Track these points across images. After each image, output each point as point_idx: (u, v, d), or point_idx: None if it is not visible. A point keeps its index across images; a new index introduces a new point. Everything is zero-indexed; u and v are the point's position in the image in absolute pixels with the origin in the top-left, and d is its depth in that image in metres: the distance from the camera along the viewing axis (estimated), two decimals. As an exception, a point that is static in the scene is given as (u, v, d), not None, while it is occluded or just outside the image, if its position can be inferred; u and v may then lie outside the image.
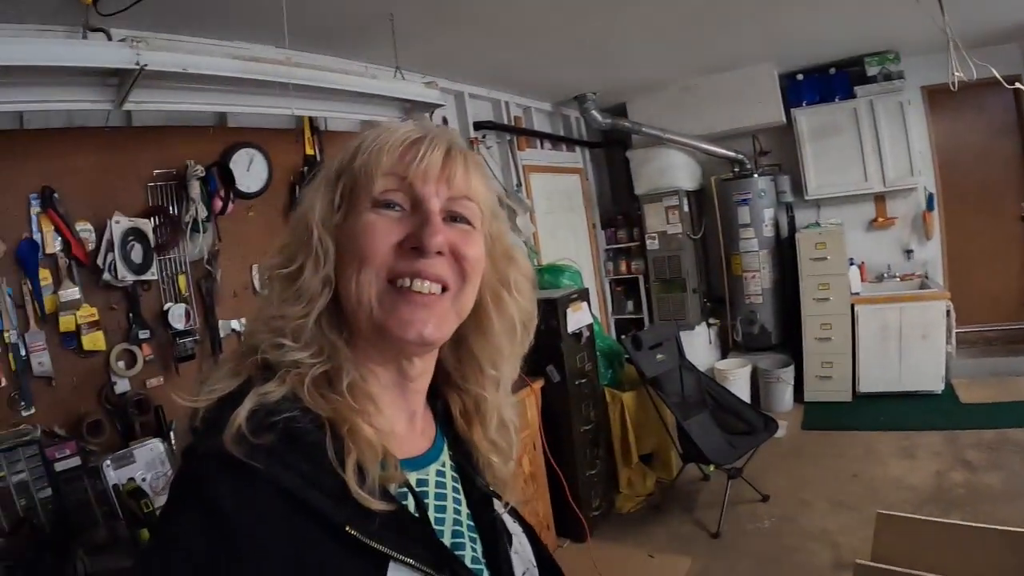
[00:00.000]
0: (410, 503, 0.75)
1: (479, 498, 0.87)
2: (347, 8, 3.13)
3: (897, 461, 4.33)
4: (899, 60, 5.36)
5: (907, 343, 5.25)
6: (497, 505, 0.90)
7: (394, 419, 0.81)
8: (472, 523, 0.84)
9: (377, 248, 0.75)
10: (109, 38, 2.40)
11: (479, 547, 0.82)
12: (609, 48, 4.54)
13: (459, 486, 0.87)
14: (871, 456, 4.48)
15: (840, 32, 4.76)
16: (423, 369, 0.86)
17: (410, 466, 0.80)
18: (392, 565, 0.66)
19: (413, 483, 0.78)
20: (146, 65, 2.26)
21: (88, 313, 2.65)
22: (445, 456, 0.88)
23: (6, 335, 2.41)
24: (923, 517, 2.32)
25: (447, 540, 0.78)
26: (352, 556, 0.64)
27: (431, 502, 0.80)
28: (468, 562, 0.78)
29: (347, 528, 0.64)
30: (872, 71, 5.43)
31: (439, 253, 0.76)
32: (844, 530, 3.57)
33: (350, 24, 3.32)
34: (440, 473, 0.85)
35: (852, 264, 5.65)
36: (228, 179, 3.15)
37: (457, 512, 0.83)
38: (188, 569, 0.59)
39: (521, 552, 0.89)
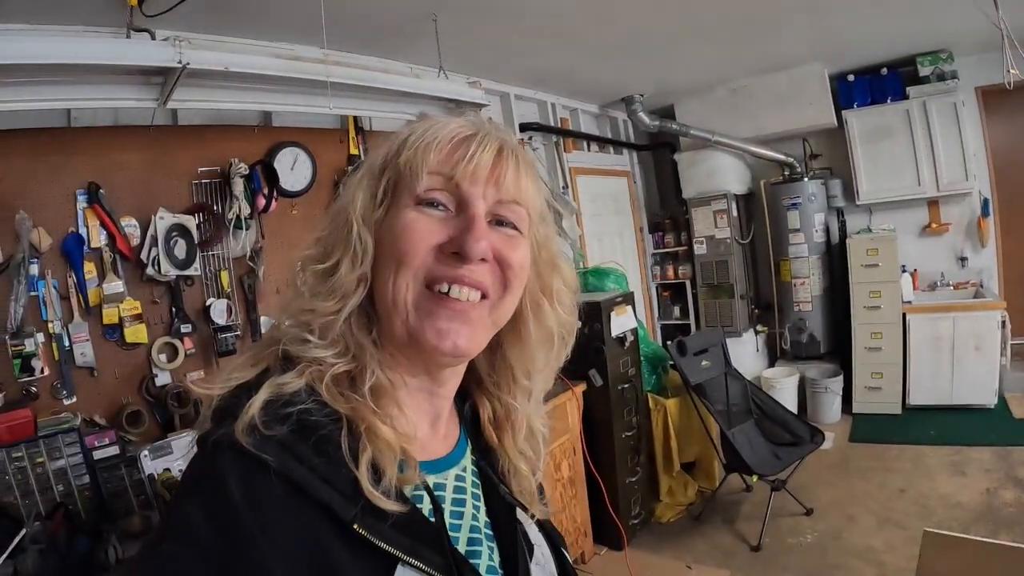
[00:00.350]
0: (425, 506, 0.73)
1: (501, 506, 0.85)
2: (391, 9, 3.16)
3: (946, 477, 4.18)
4: (952, 60, 5.17)
5: (960, 354, 5.06)
6: (521, 515, 0.87)
7: (417, 422, 0.79)
8: (491, 531, 0.82)
9: (417, 249, 0.73)
10: (153, 38, 2.46)
11: (497, 556, 0.80)
12: (656, 49, 4.49)
13: (479, 492, 0.85)
14: (919, 471, 4.32)
15: (891, 31, 4.62)
16: (452, 375, 0.84)
17: (428, 469, 0.77)
18: (400, 568, 0.65)
19: (431, 486, 0.75)
20: (188, 63, 2.30)
21: (131, 306, 2.74)
22: (467, 461, 0.86)
23: (50, 326, 2.51)
24: (971, 537, 2.22)
25: (462, 546, 0.76)
26: (359, 555, 0.63)
27: (447, 507, 0.77)
28: (483, 570, 0.76)
29: (355, 526, 0.63)
30: (925, 71, 5.24)
31: (482, 260, 0.74)
32: (889, 548, 3.45)
33: (394, 25, 3.35)
34: (460, 478, 0.83)
35: (904, 271, 5.47)
36: (272, 177, 3.21)
37: (475, 518, 0.81)
38: (196, 556, 0.58)
39: (543, 564, 0.86)
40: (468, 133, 0.77)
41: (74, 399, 2.56)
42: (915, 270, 5.68)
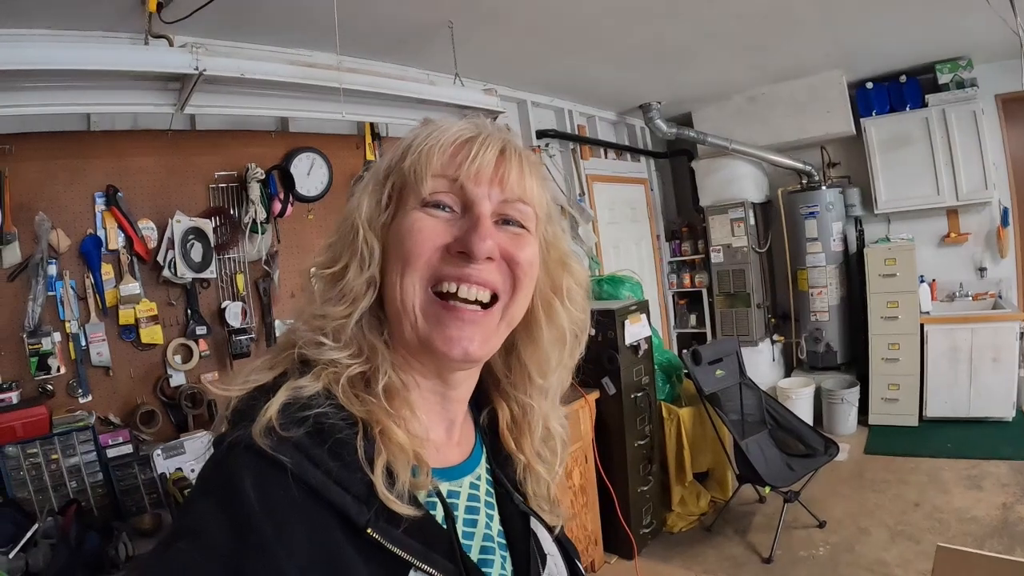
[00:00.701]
0: (438, 512, 0.73)
1: (515, 515, 0.85)
2: (407, 17, 3.20)
3: (962, 491, 4.11)
4: (971, 67, 5.11)
5: (977, 366, 5.00)
6: (535, 525, 0.87)
7: (431, 426, 0.79)
8: (504, 540, 0.82)
9: (423, 249, 0.73)
10: (171, 45, 2.50)
11: (509, 565, 0.80)
12: (674, 57, 4.49)
13: (493, 501, 0.84)
14: (935, 484, 4.26)
15: (910, 38, 4.58)
16: (465, 378, 0.83)
17: (443, 476, 0.77)
18: (412, 573, 0.65)
19: (444, 493, 0.75)
20: (204, 70, 2.34)
21: (147, 308, 2.79)
22: (481, 469, 0.86)
23: (67, 325, 2.57)
24: (986, 553, 2.19)
25: (474, 554, 0.76)
26: (372, 559, 0.63)
27: (461, 515, 0.77)
28: None
29: (368, 530, 0.63)
30: (944, 79, 5.19)
31: (489, 258, 0.74)
32: (902, 562, 3.40)
33: (410, 32, 3.39)
34: (474, 486, 0.82)
35: (922, 282, 5.42)
36: (288, 182, 3.25)
37: (488, 527, 0.80)
38: (209, 557, 0.58)
39: (556, 575, 0.86)
40: (470, 135, 0.77)
41: (89, 398, 2.61)
42: (933, 280, 5.61)
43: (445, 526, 0.72)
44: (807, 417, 5.16)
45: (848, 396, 5.40)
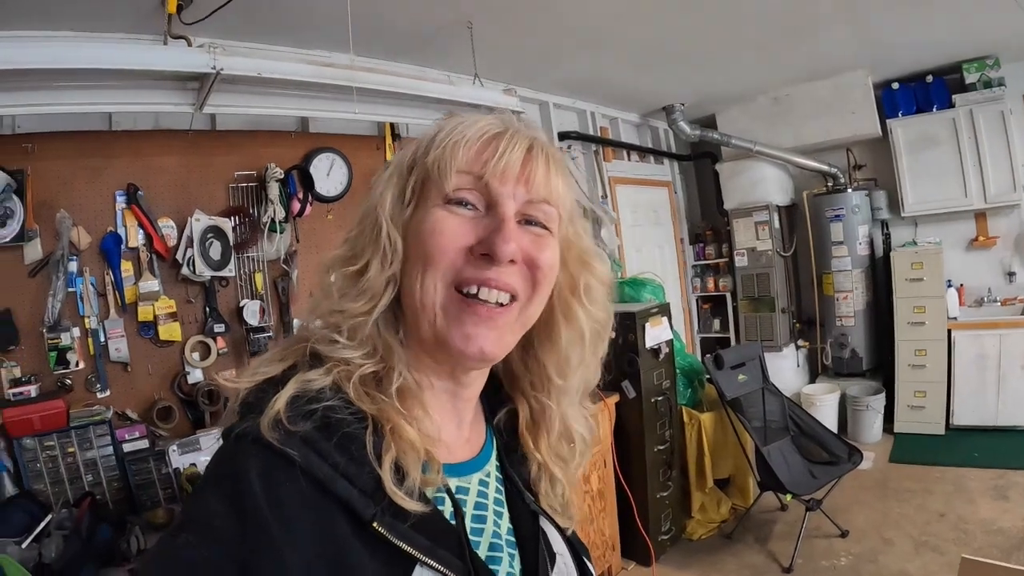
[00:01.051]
0: (446, 509, 0.72)
1: (525, 513, 0.84)
2: (426, 17, 3.22)
3: (988, 501, 4.02)
4: (999, 66, 5.01)
5: (1006, 373, 4.88)
6: (545, 523, 0.86)
7: (441, 424, 0.77)
8: (513, 539, 0.81)
9: (445, 250, 0.72)
10: (190, 45, 2.53)
11: (517, 563, 0.79)
12: (697, 57, 4.47)
13: (503, 499, 0.83)
14: (961, 494, 4.17)
15: (936, 37, 4.51)
16: (477, 376, 0.83)
17: (452, 473, 0.76)
18: (418, 568, 0.65)
19: (453, 490, 0.75)
20: (222, 69, 2.36)
21: (166, 305, 2.83)
22: (491, 466, 0.85)
23: (87, 321, 2.62)
24: (1012, 566, 2.13)
25: (483, 552, 0.75)
26: (377, 553, 0.63)
27: (469, 511, 0.77)
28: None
29: (374, 524, 0.63)
30: (971, 78, 5.10)
31: (511, 261, 0.73)
32: (926, 574, 3.34)
33: (430, 33, 3.41)
34: (483, 483, 0.81)
35: (950, 286, 5.31)
36: (307, 182, 3.28)
37: (497, 525, 0.80)
38: (216, 549, 0.59)
39: (566, 574, 0.85)
40: (497, 131, 0.76)
41: (107, 393, 2.65)
42: (961, 285, 5.50)
43: (453, 522, 0.71)
44: (831, 424, 5.08)
45: (873, 403, 5.31)
